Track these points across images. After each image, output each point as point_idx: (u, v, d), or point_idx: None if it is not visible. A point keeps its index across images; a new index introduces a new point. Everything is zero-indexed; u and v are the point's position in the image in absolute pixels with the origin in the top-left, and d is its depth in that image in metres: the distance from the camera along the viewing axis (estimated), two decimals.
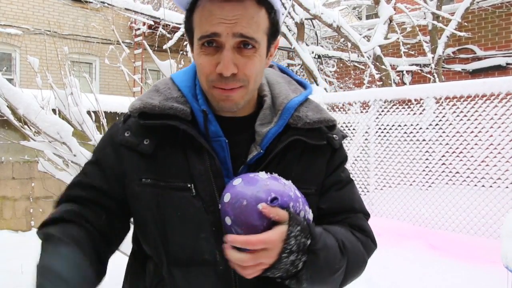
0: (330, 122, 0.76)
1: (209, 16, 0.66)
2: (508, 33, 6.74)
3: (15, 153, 4.38)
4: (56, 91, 2.58)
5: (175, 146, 0.71)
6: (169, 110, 0.69)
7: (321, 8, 5.60)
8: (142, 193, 0.70)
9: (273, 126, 0.73)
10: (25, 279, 2.96)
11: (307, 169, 0.75)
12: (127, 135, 0.73)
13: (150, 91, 0.74)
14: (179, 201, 0.69)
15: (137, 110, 0.71)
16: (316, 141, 0.75)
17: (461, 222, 3.37)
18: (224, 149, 0.72)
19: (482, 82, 3.34)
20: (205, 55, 0.68)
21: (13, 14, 7.84)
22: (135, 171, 0.71)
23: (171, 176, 0.70)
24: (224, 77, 0.66)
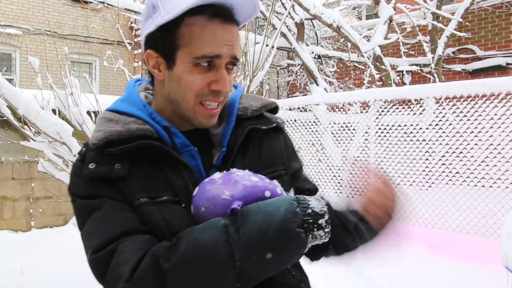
0: (272, 104, 0.83)
1: (213, 37, 0.67)
2: (508, 33, 6.74)
3: (15, 153, 4.38)
4: (56, 91, 2.58)
5: (149, 164, 0.70)
6: (136, 131, 0.69)
7: (321, 8, 5.60)
8: (145, 214, 0.68)
9: (224, 124, 0.77)
10: (25, 279, 2.96)
11: (270, 153, 0.80)
12: (93, 167, 0.69)
13: (103, 123, 0.72)
14: (179, 213, 0.69)
15: (103, 139, 0.69)
16: (267, 126, 0.81)
17: (461, 222, 3.37)
18: (195, 157, 0.73)
19: (482, 82, 3.33)
20: (198, 73, 0.69)
21: (13, 14, 7.84)
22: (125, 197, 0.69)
23: (161, 191, 0.69)
24: (218, 94, 0.70)
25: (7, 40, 7.72)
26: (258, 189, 0.65)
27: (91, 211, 0.67)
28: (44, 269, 3.16)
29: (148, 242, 0.64)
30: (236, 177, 0.67)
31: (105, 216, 0.66)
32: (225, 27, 0.68)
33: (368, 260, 0.89)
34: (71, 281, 2.85)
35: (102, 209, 0.67)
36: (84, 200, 0.69)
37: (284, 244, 0.60)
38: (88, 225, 0.68)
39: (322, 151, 4.56)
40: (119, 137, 0.69)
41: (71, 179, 0.73)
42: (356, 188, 4.26)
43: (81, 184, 0.69)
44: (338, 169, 4.43)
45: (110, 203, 0.67)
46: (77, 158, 0.74)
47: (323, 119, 4.55)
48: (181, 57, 0.69)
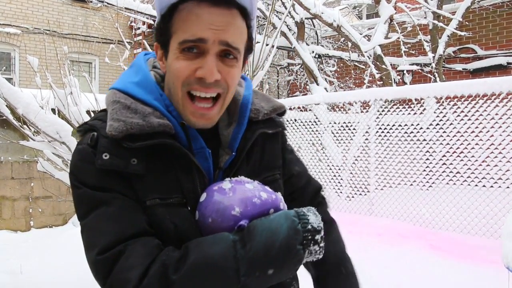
0: (282, 108, 0.81)
1: (196, 20, 0.63)
2: (509, 32, 6.73)
3: (14, 153, 4.37)
4: (56, 90, 2.57)
5: (163, 162, 0.68)
6: (158, 127, 0.66)
7: (321, 7, 5.58)
8: (155, 215, 0.66)
9: (235, 125, 0.74)
10: (24, 279, 2.95)
11: (269, 157, 0.79)
12: (107, 157, 0.65)
13: (120, 109, 0.67)
14: (186, 217, 0.67)
15: (123, 132, 0.64)
16: (274, 130, 0.79)
17: (461, 222, 3.36)
18: (208, 159, 0.71)
19: (483, 82, 3.32)
20: (184, 60, 0.65)
21: (12, 14, 7.82)
22: (137, 195, 0.66)
23: (171, 192, 0.67)
24: (204, 82, 0.65)
25: (6, 39, 7.71)
26: (265, 208, 0.66)
27: (99, 205, 0.64)
28: (43, 269, 3.16)
29: (157, 248, 0.63)
30: (247, 191, 0.66)
31: (114, 213, 0.63)
32: (212, 10, 0.64)
33: (368, 260, 0.88)
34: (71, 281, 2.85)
35: (112, 205, 0.64)
36: (92, 191, 0.65)
37: (285, 261, 0.61)
38: (94, 219, 0.64)
39: (322, 151, 4.55)
40: (140, 132, 0.65)
41: (77, 164, 0.67)
42: (356, 188, 4.26)
43: (91, 173, 0.65)
44: (338, 169, 4.42)
45: (121, 200, 0.64)
46: (86, 141, 0.68)
47: (324, 118, 4.54)
48: (172, 44, 0.67)
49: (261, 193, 0.67)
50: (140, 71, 0.73)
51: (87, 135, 0.69)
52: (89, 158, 0.66)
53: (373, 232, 3.53)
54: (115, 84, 0.73)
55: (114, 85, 0.73)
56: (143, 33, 8.36)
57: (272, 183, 0.77)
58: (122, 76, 0.74)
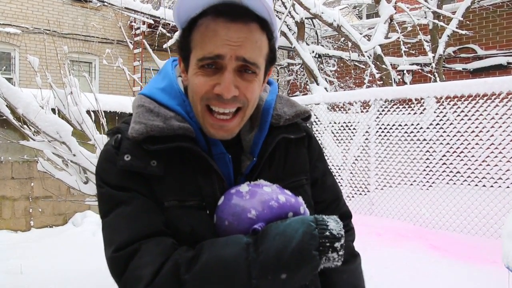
0: (306, 113, 0.80)
1: (214, 36, 0.64)
2: (509, 32, 6.73)
3: (14, 153, 4.37)
4: (56, 90, 2.57)
5: (183, 165, 0.69)
6: (178, 129, 0.67)
7: (321, 7, 5.58)
8: (172, 217, 0.67)
9: (257, 130, 0.74)
10: (24, 278, 2.95)
11: (294, 162, 0.79)
12: (128, 159, 0.67)
13: (143, 112, 0.70)
14: (204, 220, 0.68)
15: (143, 134, 0.67)
16: (297, 135, 0.79)
17: (461, 222, 3.36)
18: (228, 164, 0.71)
19: (483, 82, 3.32)
20: (203, 76, 0.66)
21: (12, 13, 7.82)
22: (155, 196, 0.68)
23: (189, 195, 0.68)
24: (222, 98, 0.66)
25: (6, 39, 7.71)
26: (283, 211, 0.65)
27: (119, 204, 0.66)
28: (43, 268, 3.16)
29: (171, 247, 0.64)
30: (264, 194, 0.66)
31: (132, 213, 0.65)
32: (229, 26, 0.64)
33: (368, 260, 0.88)
34: (71, 280, 2.85)
35: (131, 205, 0.66)
36: (113, 190, 0.67)
37: (299, 266, 0.60)
38: (113, 217, 0.67)
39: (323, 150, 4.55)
40: (160, 134, 0.67)
41: (101, 164, 0.71)
42: (357, 187, 4.26)
43: (113, 173, 0.68)
44: (338, 168, 4.42)
45: (139, 200, 0.66)
46: (110, 143, 0.71)
47: (324, 118, 4.54)
48: (192, 60, 0.68)
49: (279, 196, 0.66)
50: (166, 78, 0.75)
51: (113, 138, 0.72)
52: (112, 158, 0.69)
53: (373, 232, 3.52)
54: (143, 90, 0.76)
55: (142, 90, 0.76)
56: (143, 32, 8.35)
57: (297, 189, 0.75)
58: (150, 82, 0.77)
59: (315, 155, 0.84)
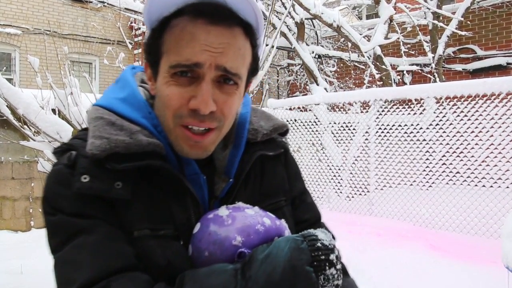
0: (283, 127, 0.72)
1: (191, 40, 0.55)
2: (508, 32, 6.73)
3: (14, 153, 4.38)
4: (56, 91, 2.57)
5: (153, 187, 0.59)
6: (147, 146, 0.57)
7: (321, 7, 5.59)
8: (144, 248, 0.57)
9: (231, 147, 0.66)
10: (24, 279, 2.95)
11: (271, 182, 0.70)
12: (86, 180, 0.55)
13: (103, 125, 0.59)
14: (179, 252, 0.59)
15: (106, 150, 0.56)
16: (275, 151, 0.70)
17: (461, 222, 3.37)
18: (202, 187, 0.62)
19: (482, 82, 3.33)
20: (176, 86, 0.56)
21: (13, 14, 7.83)
22: (122, 224, 0.57)
23: (161, 223, 0.58)
24: (198, 114, 0.56)
25: (6, 39, 7.72)
26: (269, 235, 0.58)
27: (77, 233, 0.55)
28: (43, 269, 3.15)
29: (147, 284, 0.54)
30: (248, 217, 0.58)
31: (96, 244, 0.54)
32: (210, 29, 0.55)
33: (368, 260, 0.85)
34: None
35: (93, 234, 0.55)
36: (69, 218, 0.55)
37: (293, 286, 0.52)
38: (71, 250, 0.54)
39: (322, 151, 4.56)
40: (126, 150, 0.56)
41: (51, 187, 0.58)
42: (356, 188, 4.27)
43: (67, 197, 0.56)
44: (338, 169, 4.42)
45: (103, 228, 0.55)
46: (62, 161, 0.59)
47: (323, 118, 4.54)
48: (162, 66, 0.58)
49: (264, 219, 0.59)
50: (126, 87, 0.65)
51: (64, 155, 0.60)
52: (65, 180, 0.57)
53: (373, 232, 3.53)
54: (99, 100, 0.65)
55: (97, 101, 0.66)
56: (143, 33, 8.36)
57: (275, 212, 0.67)
58: (106, 92, 0.67)
59: (292, 173, 0.75)
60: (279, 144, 0.72)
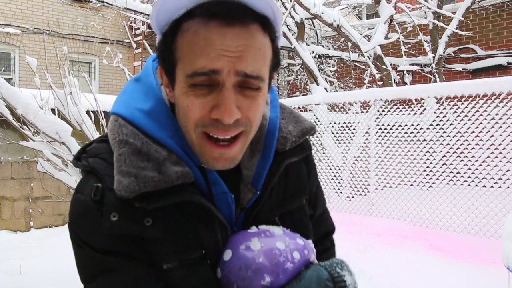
0: (312, 130, 0.69)
1: (206, 46, 0.51)
2: (509, 32, 6.73)
3: (14, 153, 4.37)
4: (55, 91, 2.56)
5: (182, 217, 0.58)
6: (176, 180, 0.54)
7: (321, 7, 5.58)
8: (173, 279, 0.57)
9: (259, 157, 0.63)
10: (24, 279, 2.94)
11: (295, 184, 0.69)
12: (115, 219, 0.54)
13: (129, 155, 0.55)
14: (205, 276, 0.59)
15: (135, 192, 0.53)
16: (301, 155, 0.69)
17: (462, 223, 3.36)
18: (230, 205, 0.61)
19: (483, 82, 3.32)
20: (195, 96, 0.53)
21: (12, 14, 7.83)
22: (151, 258, 0.57)
23: (190, 249, 0.58)
24: (222, 124, 0.53)
25: (6, 39, 7.71)
26: (297, 270, 0.59)
27: (108, 272, 0.55)
28: (43, 269, 3.15)
29: None
30: (278, 254, 0.57)
31: (126, 284, 0.54)
32: (225, 31, 0.51)
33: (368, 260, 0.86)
34: (70, 280, 2.84)
35: (122, 274, 0.54)
36: (99, 254, 0.55)
37: None
38: (102, 286, 0.55)
39: (323, 151, 4.55)
40: (156, 188, 0.54)
41: (78, 219, 0.56)
42: (356, 188, 4.26)
43: (96, 234, 0.55)
44: (338, 169, 4.42)
45: (132, 268, 0.55)
46: (86, 191, 0.56)
47: (324, 119, 4.54)
48: (179, 74, 0.54)
49: (294, 253, 0.59)
50: (150, 94, 0.59)
51: (89, 181, 0.57)
52: (93, 216, 0.55)
53: (373, 232, 3.52)
54: (119, 106, 0.60)
55: (117, 108, 0.60)
56: (143, 33, 8.36)
57: (297, 211, 0.68)
58: (127, 97, 0.61)
59: (312, 170, 0.75)
60: (304, 147, 0.70)
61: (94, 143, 0.62)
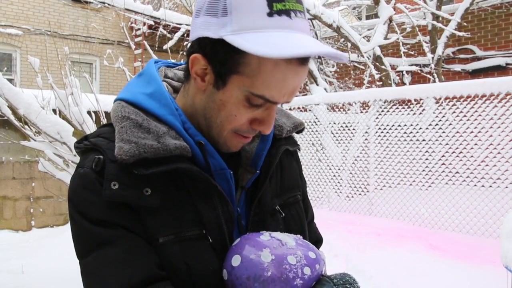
0: (302, 125, 0.75)
1: (282, 81, 0.54)
2: (507, 33, 6.74)
3: (15, 153, 4.38)
4: (57, 91, 2.58)
5: (180, 190, 0.59)
6: (175, 150, 0.57)
7: (321, 8, 5.60)
8: (168, 254, 0.57)
9: (258, 141, 0.68)
10: (25, 278, 2.96)
11: (289, 176, 0.74)
12: (116, 187, 0.55)
13: (131, 127, 0.57)
14: (204, 254, 0.59)
15: (136, 156, 0.55)
16: (294, 147, 0.75)
17: (460, 222, 3.38)
18: (229, 181, 0.63)
19: (481, 82, 3.34)
20: (245, 110, 0.58)
21: (14, 15, 7.85)
22: (147, 230, 0.57)
23: (188, 225, 0.59)
24: (255, 131, 0.61)
25: (7, 40, 7.73)
26: (308, 287, 0.58)
27: (102, 244, 0.55)
28: (44, 269, 3.16)
29: None
30: (289, 269, 0.57)
31: (120, 256, 0.55)
32: (298, 70, 0.55)
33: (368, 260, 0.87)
34: (72, 281, 2.86)
35: (117, 246, 0.55)
36: (94, 227, 0.56)
37: None
38: (95, 261, 0.56)
39: (322, 151, 4.57)
40: (155, 155, 0.56)
41: (78, 191, 0.58)
42: (356, 188, 4.28)
43: (94, 204, 0.56)
44: (338, 169, 4.43)
45: (127, 239, 0.56)
46: (89, 165, 0.58)
47: (323, 119, 4.55)
48: (234, 83, 0.56)
49: (305, 269, 0.58)
50: (152, 81, 0.63)
51: (90, 156, 0.59)
52: (93, 186, 0.56)
53: (373, 232, 3.54)
54: (123, 94, 0.63)
55: (121, 95, 0.63)
56: (143, 33, 8.37)
57: (294, 205, 0.72)
58: (131, 86, 0.65)
59: (301, 169, 0.80)
60: (295, 141, 0.76)
61: (96, 129, 0.66)
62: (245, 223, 0.65)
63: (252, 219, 0.65)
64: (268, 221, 0.67)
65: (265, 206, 0.67)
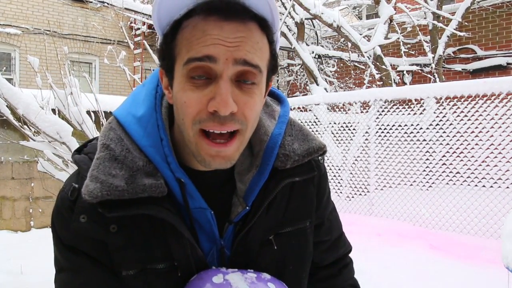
0: (319, 151, 0.65)
1: (203, 36, 0.51)
2: (508, 33, 6.74)
3: (14, 153, 4.38)
4: (56, 91, 2.57)
5: (150, 226, 0.58)
6: (141, 193, 0.54)
7: (321, 8, 5.59)
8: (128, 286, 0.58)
9: (255, 172, 0.62)
10: (24, 279, 2.95)
11: (299, 205, 0.67)
12: (84, 220, 0.56)
13: (105, 161, 0.56)
14: (173, 283, 0.59)
15: (97, 198, 0.54)
16: (307, 175, 0.65)
17: (461, 223, 3.37)
18: (210, 221, 0.60)
19: (482, 82, 3.33)
20: (192, 90, 0.52)
21: (13, 14, 7.84)
22: (113, 263, 0.58)
23: (156, 260, 0.58)
24: (218, 116, 0.52)
25: (6, 39, 7.72)
26: None
27: (68, 270, 0.59)
28: (43, 269, 3.16)
29: None
30: None
31: (82, 284, 0.58)
32: (222, 25, 0.51)
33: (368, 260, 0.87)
34: None
35: (79, 277, 0.58)
36: (65, 250, 0.59)
37: None
38: (62, 281, 0.60)
39: None
40: (119, 197, 0.54)
41: (56, 214, 0.60)
42: (356, 188, 4.27)
43: (67, 230, 0.58)
44: (338, 169, 4.42)
45: (89, 272, 0.58)
46: (67, 189, 0.59)
47: (323, 119, 4.54)
48: (176, 70, 0.54)
49: None
50: (147, 100, 0.61)
51: (72, 179, 0.60)
52: (65, 212, 0.58)
53: (373, 232, 3.53)
54: (121, 109, 0.62)
55: (119, 110, 0.62)
56: (143, 33, 8.36)
57: (297, 236, 0.66)
58: (130, 99, 0.64)
59: (324, 194, 0.71)
60: (313, 167, 0.66)
61: (95, 140, 0.64)
62: (229, 253, 0.63)
63: (236, 250, 0.62)
64: (256, 251, 0.63)
65: (254, 238, 0.63)
